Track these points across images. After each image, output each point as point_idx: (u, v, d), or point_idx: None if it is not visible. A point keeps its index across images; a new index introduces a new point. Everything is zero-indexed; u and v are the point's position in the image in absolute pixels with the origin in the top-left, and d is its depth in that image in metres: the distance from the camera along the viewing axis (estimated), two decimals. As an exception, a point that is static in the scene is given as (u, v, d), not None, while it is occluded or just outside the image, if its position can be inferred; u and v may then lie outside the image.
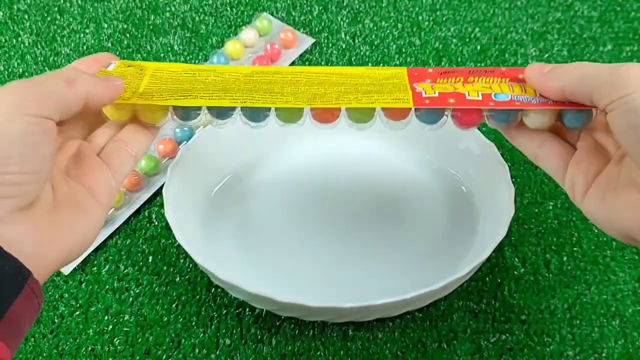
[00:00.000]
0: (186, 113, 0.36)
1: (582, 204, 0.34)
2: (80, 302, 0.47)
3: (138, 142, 0.36)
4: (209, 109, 0.36)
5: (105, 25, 0.67)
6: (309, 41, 0.65)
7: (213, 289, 0.47)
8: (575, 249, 0.49)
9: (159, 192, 0.53)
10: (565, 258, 0.49)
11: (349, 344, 0.44)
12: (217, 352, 0.44)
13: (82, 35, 0.66)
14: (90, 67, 0.36)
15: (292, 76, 0.38)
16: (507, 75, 0.37)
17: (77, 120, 0.35)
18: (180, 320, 0.46)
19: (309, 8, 0.69)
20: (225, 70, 0.38)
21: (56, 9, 0.69)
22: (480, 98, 0.35)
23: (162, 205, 0.52)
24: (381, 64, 0.63)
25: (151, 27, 0.67)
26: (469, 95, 0.35)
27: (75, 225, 0.30)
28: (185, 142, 0.54)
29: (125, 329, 0.45)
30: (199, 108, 0.36)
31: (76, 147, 0.34)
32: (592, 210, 0.33)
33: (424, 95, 0.35)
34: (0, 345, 0.26)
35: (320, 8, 0.69)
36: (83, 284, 0.48)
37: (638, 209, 0.30)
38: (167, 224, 0.49)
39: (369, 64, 0.63)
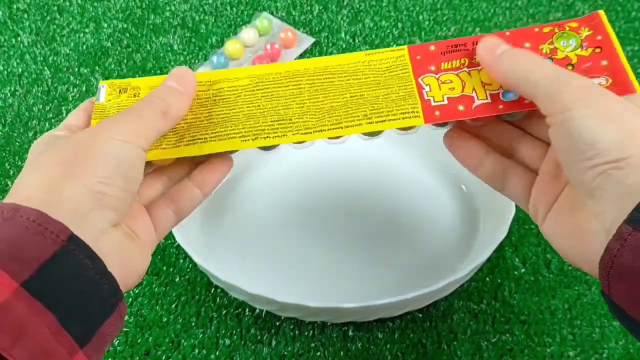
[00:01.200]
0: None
1: (541, 228, 0.33)
2: (79, 302, 0.47)
3: (184, 201, 0.36)
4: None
5: (105, 25, 0.67)
6: (309, 41, 0.65)
7: (213, 289, 0.47)
8: (575, 249, 0.49)
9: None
10: (565, 258, 0.48)
11: (348, 344, 0.44)
12: (217, 353, 0.44)
13: (81, 34, 0.66)
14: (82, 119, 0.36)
15: (294, 84, 0.36)
16: (514, 46, 0.35)
17: None
18: (180, 320, 0.45)
19: (309, 7, 0.69)
20: (224, 86, 0.37)
21: (56, 8, 0.69)
22: (488, 100, 0.34)
23: (161, 205, 0.52)
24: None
25: (151, 26, 0.67)
26: (477, 97, 0.34)
27: (140, 253, 0.32)
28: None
29: (124, 329, 0.45)
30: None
31: None
32: (547, 234, 0.32)
33: (432, 103, 0.34)
34: None
35: (321, 7, 0.69)
36: (82, 284, 0.48)
37: (572, 232, 0.30)
38: (167, 224, 0.49)
39: (369, 63, 0.63)
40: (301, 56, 0.64)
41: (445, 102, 0.34)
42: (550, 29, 0.35)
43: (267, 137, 0.34)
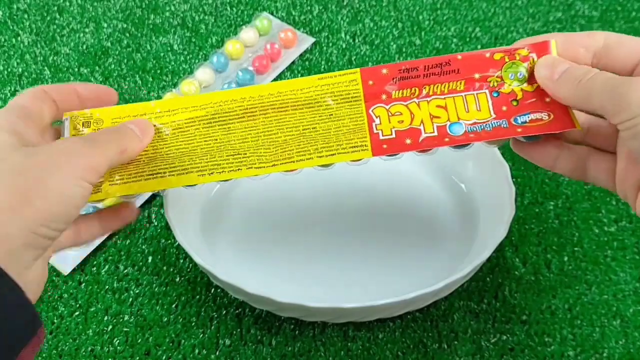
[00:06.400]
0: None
1: (634, 210, 0.33)
2: (79, 302, 0.46)
3: (85, 235, 0.37)
4: None
5: (105, 25, 0.67)
6: (309, 41, 0.65)
7: (213, 289, 0.47)
8: (576, 249, 0.49)
9: (158, 192, 0.53)
10: (566, 258, 0.48)
11: (349, 344, 0.44)
12: (217, 353, 0.44)
13: (81, 34, 0.66)
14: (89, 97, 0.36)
15: (249, 116, 0.37)
16: (463, 76, 0.36)
17: None
18: (180, 320, 0.45)
19: (309, 7, 0.69)
20: (183, 117, 0.37)
21: (56, 8, 0.69)
22: (435, 134, 0.35)
23: (161, 205, 0.52)
24: (381, 64, 0.63)
25: (151, 26, 0.67)
26: (424, 130, 0.35)
27: (44, 274, 0.32)
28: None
29: (124, 329, 0.45)
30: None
31: None
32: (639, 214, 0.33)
33: (381, 136, 0.36)
34: None
35: (321, 7, 0.69)
36: (82, 285, 0.48)
37: None
38: (167, 224, 0.49)
39: (369, 63, 0.63)
40: (301, 56, 0.64)
41: (394, 135, 0.36)
42: (501, 56, 0.36)
43: (223, 171, 0.36)
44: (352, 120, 0.36)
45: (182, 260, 0.49)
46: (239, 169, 0.36)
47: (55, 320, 0.46)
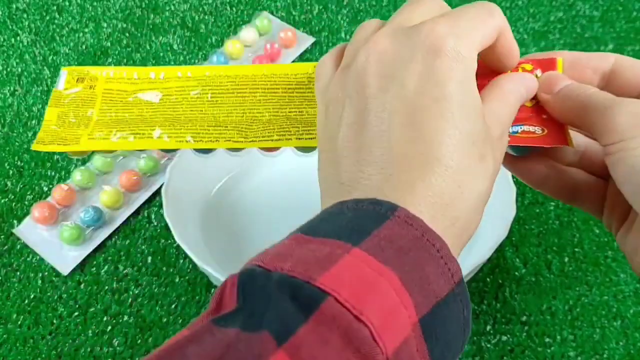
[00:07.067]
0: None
1: (617, 240, 0.33)
2: (79, 303, 0.46)
3: None
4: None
5: (105, 25, 0.67)
6: (309, 40, 0.65)
7: (213, 290, 0.47)
8: (576, 249, 0.49)
9: (158, 192, 0.53)
10: (566, 259, 0.48)
11: (349, 345, 0.44)
12: (217, 354, 0.44)
13: (81, 34, 0.66)
14: None
15: (239, 92, 0.37)
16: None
17: None
18: (180, 321, 0.45)
19: (309, 7, 0.69)
20: (174, 85, 0.38)
21: (55, 8, 0.69)
22: None
23: (161, 206, 0.52)
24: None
25: (151, 26, 0.67)
26: None
27: None
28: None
29: (124, 330, 0.45)
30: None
31: None
32: (622, 249, 0.32)
33: None
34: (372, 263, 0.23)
35: (321, 7, 0.68)
36: (82, 285, 0.47)
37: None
38: (166, 224, 0.49)
39: (370, 63, 0.63)
40: (301, 56, 0.64)
41: None
42: None
43: (200, 140, 0.36)
44: None
45: (181, 261, 0.49)
46: (216, 140, 0.36)
47: (54, 321, 0.45)
